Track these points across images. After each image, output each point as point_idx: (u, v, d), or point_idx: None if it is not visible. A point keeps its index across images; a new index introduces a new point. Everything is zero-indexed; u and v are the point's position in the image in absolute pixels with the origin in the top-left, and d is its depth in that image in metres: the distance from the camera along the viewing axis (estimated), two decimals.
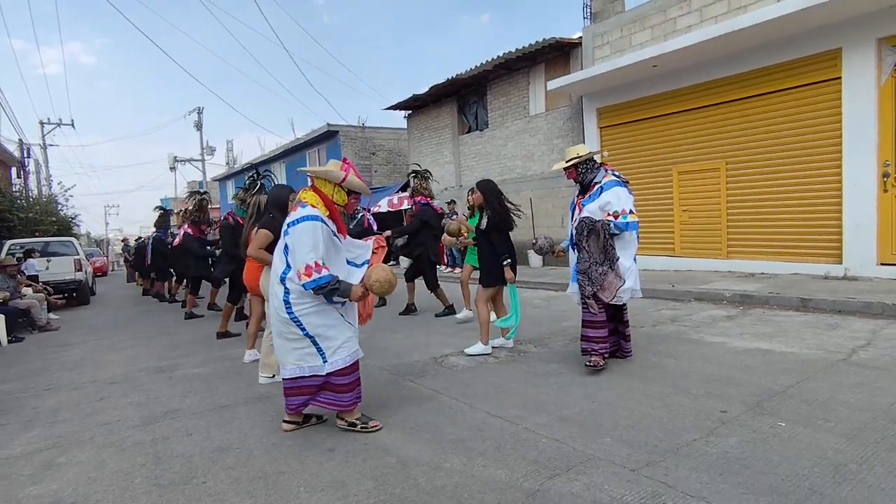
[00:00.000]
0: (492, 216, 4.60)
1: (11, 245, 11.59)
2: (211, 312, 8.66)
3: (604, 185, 3.87)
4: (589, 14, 10.63)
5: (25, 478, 2.78)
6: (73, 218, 21.06)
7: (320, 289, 2.73)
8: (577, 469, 2.44)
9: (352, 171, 3.02)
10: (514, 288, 4.74)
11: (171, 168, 32.11)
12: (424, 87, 16.87)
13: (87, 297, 12.38)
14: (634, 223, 3.78)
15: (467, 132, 14.34)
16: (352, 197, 3.07)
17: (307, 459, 2.74)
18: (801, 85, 7.52)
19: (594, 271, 3.80)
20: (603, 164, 4.03)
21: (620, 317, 4.14)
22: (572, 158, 3.95)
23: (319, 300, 2.85)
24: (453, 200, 12.87)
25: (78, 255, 12.15)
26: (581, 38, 10.59)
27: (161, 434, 3.26)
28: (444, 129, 14.93)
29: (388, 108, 15.94)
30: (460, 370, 4.24)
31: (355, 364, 3.01)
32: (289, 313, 2.84)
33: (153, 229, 11.36)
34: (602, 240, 3.76)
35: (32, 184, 21.94)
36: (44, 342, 7.20)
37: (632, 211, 3.78)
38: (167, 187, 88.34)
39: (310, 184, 3.08)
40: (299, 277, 2.74)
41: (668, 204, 9.40)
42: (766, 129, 7.99)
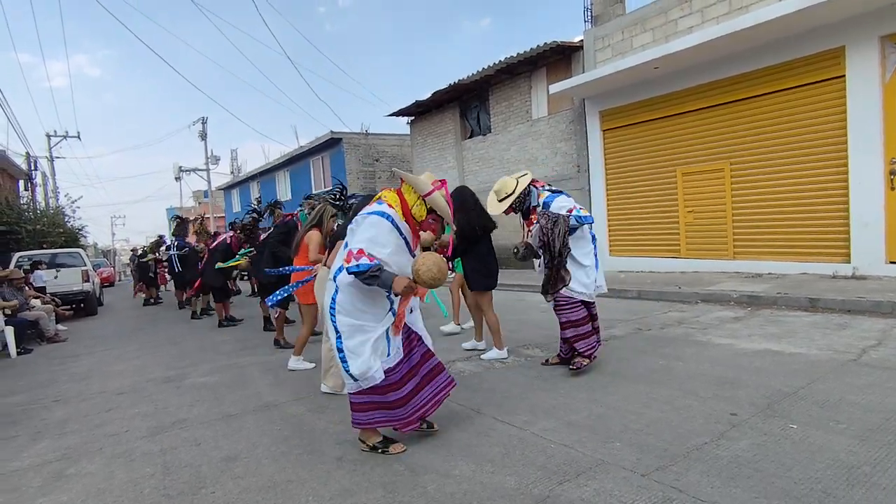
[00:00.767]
0: (458, 228, 4.50)
1: (20, 257, 11.68)
2: (208, 317, 8.96)
3: (544, 202, 3.99)
4: (590, 17, 10.68)
5: (35, 490, 2.79)
6: (80, 229, 21.20)
7: (360, 274, 2.57)
8: (587, 474, 2.42)
9: (441, 190, 2.83)
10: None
11: (176, 178, 32.35)
12: (427, 93, 16.89)
13: (95, 307, 12.46)
14: (588, 216, 3.92)
15: (470, 137, 14.36)
16: (430, 216, 2.88)
17: (315, 468, 2.73)
18: (805, 84, 7.50)
19: (558, 269, 3.93)
20: (532, 183, 4.10)
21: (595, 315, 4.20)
22: (505, 197, 4.03)
23: (363, 318, 2.72)
24: None
25: (85, 266, 12.24)
26: (582, 41, 10.61)
27: (169, 444, 3.26)
28: (447, 135, 14.96)
29: (390, 115, 15.99)
30: (467, 376, 4.22)
31: (376, 388, 2.77)
32: (332, 316, 2.75)
33: (172, 238, 11.43)
34: (561, 236, 3.85)
35: (40, 196, 22.11)
36: (52, 353, 7.24)
37: (581, 208, 3.94)
38: (172, 197, 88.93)
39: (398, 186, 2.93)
40: (346, 262, 2.61)
41: (673, 205, 9.38)
42: (770, 129, 7.96)
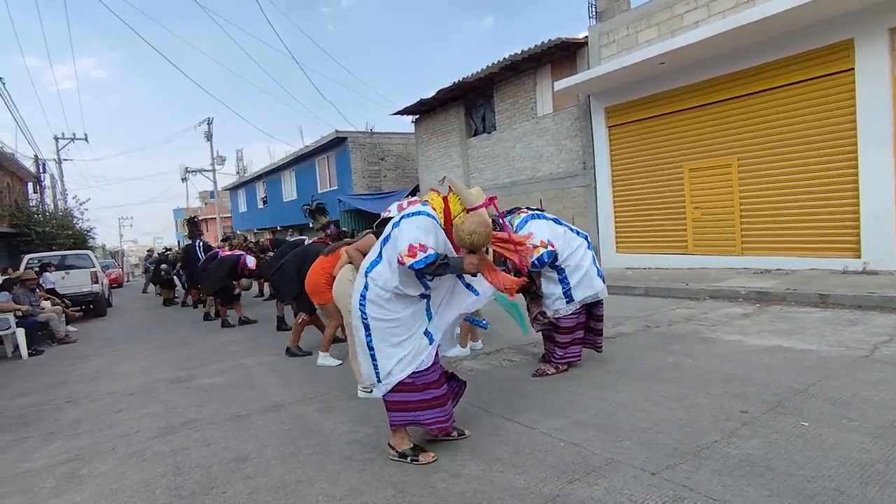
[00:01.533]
0: None
1: (30, 259, 11.79)
2: (209, 322, 9.13)
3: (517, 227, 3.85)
4: (594, 13, 10.61)
5: (48, 490, 2.81)
6: (88, 231, 21.40)
7: (430, 265, 2.46)
8: (597, 473, 2.41)
9: (489, 209, 2.77)
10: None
11: (182, 179, 32.53)
12: (431, 91, 16.85)
13: (104, 308, 12.55)
14: (552, 251, 3.72)
15: (475, 135, 14.34)
16: None
17: (325, 468, 2.74)
18: (813, 77, 7.42)
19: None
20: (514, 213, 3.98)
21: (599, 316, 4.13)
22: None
23: (396, 313, 2.64)
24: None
25: (94, 267, 12.32)
26: (587, 37, 10.55)
27: (180, 444, 3.28)
28: (452, 133, 14.94)
29: (395, 114, 15.99)
30: (475, 374, 4.22)
31: (411, 384, 2.69)
32: (361, 312, 2.67)
33: (188, 240, 11.49)
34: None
35: (48, 198, 22.29)
36: (63, 354, 7.31)
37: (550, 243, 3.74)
38: (179, 198, 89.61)
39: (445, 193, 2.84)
40: (402, 260, 2.48)
41: (680, 201, 9.33)
42: (777, 124, 7.90)
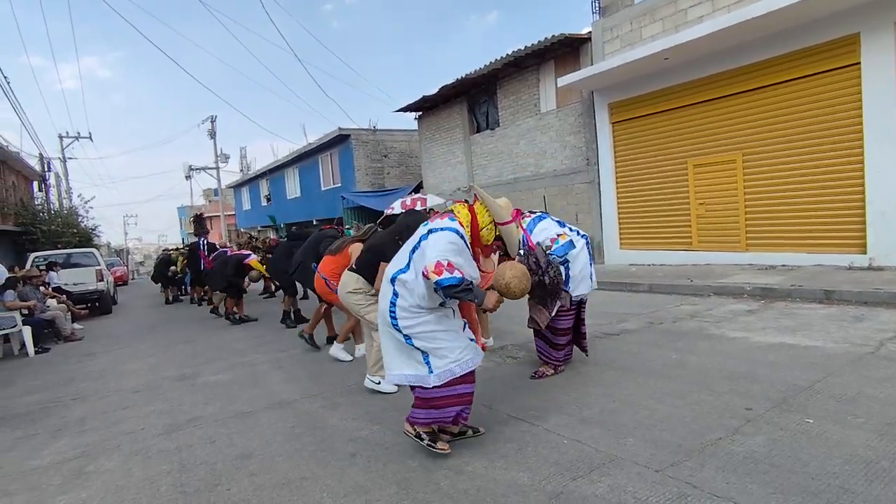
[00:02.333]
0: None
1: (36, 257, 11.87)
2: (213, 316, 9.41)
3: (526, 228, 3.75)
4: (598, 8, 10.55)
5: (55, 487, 2.84)
6: (93, 229, 21.52)
7: (453, 287, 2.46)
8: (601, 470, 2.41)
9: (518, 223, 2.78)
10: None
11: (186, 177, 32.67)
12: (434, 88, 16.82)
13: (109, 306, 12.62)
14: (569, 244, 3.64)
15: (478, 132, 14.31)
16: (496, 242, 2.87)
17: (329, 465, 2.75)
18: (819, 72, 7.36)
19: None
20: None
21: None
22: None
23: (423, 316, 2.64)
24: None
25: (99, 265, 12.39)
26: (590, 33, 10.49)
27: (185, 442, 3.31)
28: (455, 129, 14.91)
29: (398, 111, 15.99)
30: (479, 371, 4.21)
31: (458, 379, 2.71)
32: (392, 320, 2.66)
33: (195, 238, 11.60)
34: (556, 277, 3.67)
35: (53, 197, 22.39)
36: (69, 352, 7.36)
37: (560, 235, 3.66)
38: (183, 196, 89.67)
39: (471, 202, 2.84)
40: (427, 274, 2.48)
41: (685, 197, 9.28)
42: (783, 119, 7.84)
